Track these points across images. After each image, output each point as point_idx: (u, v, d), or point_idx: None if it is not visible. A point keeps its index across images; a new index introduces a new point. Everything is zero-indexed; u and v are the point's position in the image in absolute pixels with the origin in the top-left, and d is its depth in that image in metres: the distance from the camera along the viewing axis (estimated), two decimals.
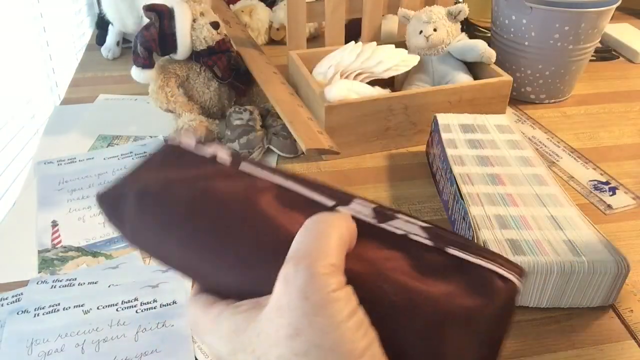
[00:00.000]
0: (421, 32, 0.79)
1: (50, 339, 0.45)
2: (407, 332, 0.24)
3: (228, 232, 0.26)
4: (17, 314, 0.48)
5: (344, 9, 0.87)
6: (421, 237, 0.26)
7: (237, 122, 0.72)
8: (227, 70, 0.76)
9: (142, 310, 0.48)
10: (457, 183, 0.57)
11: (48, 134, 0.78)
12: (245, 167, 0.30)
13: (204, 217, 0.27)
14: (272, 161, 0.71)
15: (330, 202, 0.28)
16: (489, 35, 0.90)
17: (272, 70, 0.78)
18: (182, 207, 0.28)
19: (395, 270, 0.25)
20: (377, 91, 0.72)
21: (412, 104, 0.71)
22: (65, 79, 1.09)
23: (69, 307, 0.48)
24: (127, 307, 0.49)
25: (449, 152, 0.62)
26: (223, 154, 0.31)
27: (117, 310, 0.48)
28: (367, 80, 0.75)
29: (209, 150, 0.32)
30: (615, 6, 0.78)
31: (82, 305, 0.49)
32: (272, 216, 0.27)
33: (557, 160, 0.72)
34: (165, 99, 0.74)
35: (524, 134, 0.71)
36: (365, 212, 0.27)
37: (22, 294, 0.50)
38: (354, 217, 0.27)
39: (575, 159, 0.73)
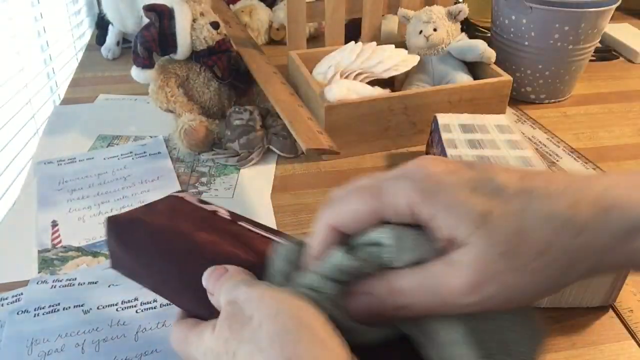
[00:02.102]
0: (421, 32, 0.79)
1: (50, 339, 0.45)
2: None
3: (194, 276, 0.33)
4: (17, 314, 0.48)
5: (344, 9, 0.87)
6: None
7: (237, 122, 0.72)
8: (227, 70, 0.76)
9: (142, 310, 0.48)
10: None
11: (48, 134, 0.78)
12: (243, 222, 0.38)
13: (187, 265, 0.34)
14: (272, 161, 0.71)
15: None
16: (489, 35, 0.90)
17: (272, 70, 0.78)
18: (173, 255, 0.35)
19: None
20: (377, 91, 0.72)
21: (412, 104, 0.71)
22: (65, 79, 1.09)
23: (69, 307, 0.48)
24: (127, 307, 0.49)
25: (449, 152, 0.62)
26: (224, 211, 0.39)
27: (117, 310, 0.48)
28: (367, 80, 0.75)
29: (210, 207, 0.39)
30: (615, 6, 0.78)
31: (82, 305, 0.49)
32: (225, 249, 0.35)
33: (557, 160, 0.72)
34: (165, 99, 0.74)
35: (524, 134, 0.71)
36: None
37: (22, 294, 0.50)
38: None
39: (575, 159, 0.73)
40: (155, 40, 0.71)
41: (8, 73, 0.88)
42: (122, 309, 0.48)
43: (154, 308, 0.49)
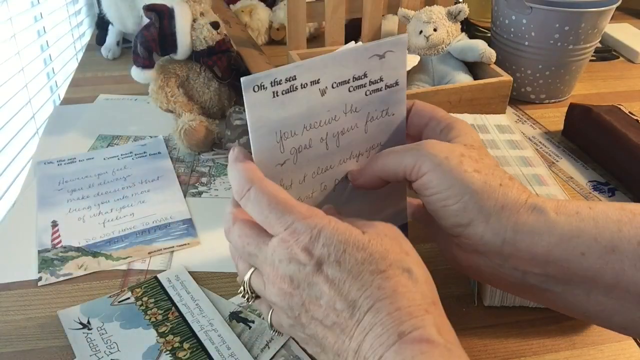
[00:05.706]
0: (421, 32, 0.79)
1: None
2: None
3: None
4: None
5: (344, 9, 0.87)
6: None
7: (237, 122, 0.72)
8: (227, 70, 0.76)
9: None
10: None
11: (48, 134, 0.78)
12: None
13: None
14: None
15: None
16: (489, 35, 0.90)
17: None
18: None
19: None
20: None
21: None
22: (65, 79, 1.09)
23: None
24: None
25: None
26: None
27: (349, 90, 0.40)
28: None
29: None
30: (615, 6, 0.78)
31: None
32: None
33: (557, 161, 0.72)
34: (165, 99, 0.74)
35: (524, 134, 0.71)
36: None
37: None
38: None
39: (575, 159, 0.73)
40: (155, 40, 0.71)
41: (8, 73, 0.88)
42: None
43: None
